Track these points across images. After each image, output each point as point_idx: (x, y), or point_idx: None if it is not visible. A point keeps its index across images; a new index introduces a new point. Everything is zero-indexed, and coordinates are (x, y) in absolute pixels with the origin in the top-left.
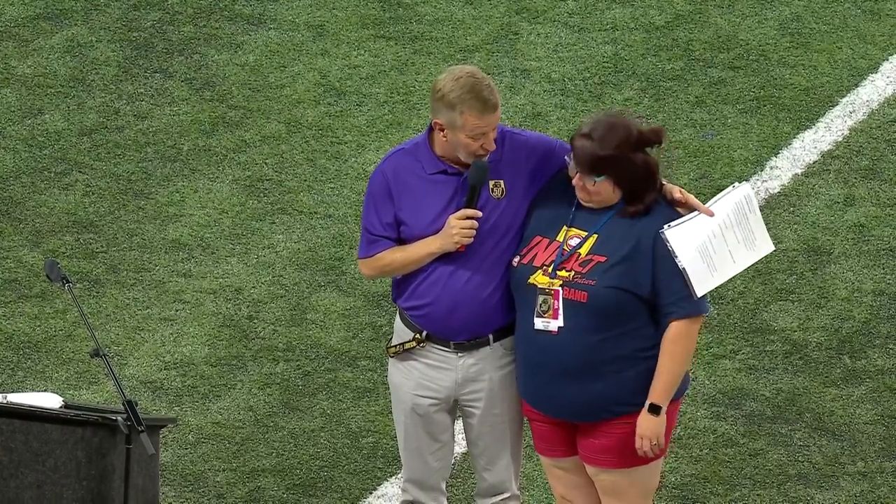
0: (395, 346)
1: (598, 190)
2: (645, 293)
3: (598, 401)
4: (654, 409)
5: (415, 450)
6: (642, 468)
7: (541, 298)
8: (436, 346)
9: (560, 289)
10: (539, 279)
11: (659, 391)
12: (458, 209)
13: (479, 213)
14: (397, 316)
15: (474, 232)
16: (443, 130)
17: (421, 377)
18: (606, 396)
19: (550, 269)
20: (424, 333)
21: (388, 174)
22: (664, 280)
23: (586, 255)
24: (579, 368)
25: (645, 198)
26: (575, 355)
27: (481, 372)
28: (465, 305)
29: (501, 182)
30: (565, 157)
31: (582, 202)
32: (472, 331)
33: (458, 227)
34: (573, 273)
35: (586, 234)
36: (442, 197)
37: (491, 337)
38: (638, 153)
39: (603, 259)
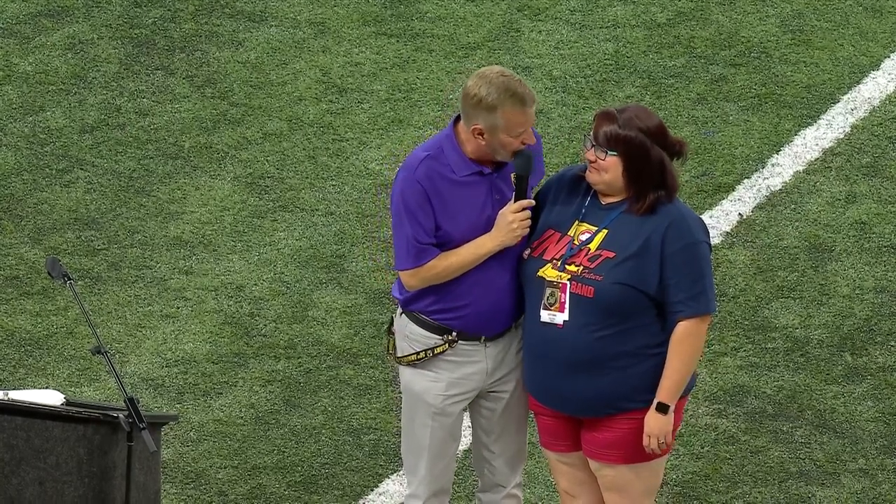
0: (420, 353)
1: (606, 166)
2: (652, 291)
3: (603, 396)
4: (662, 408)
5: (441, 455)
6: (645, 465)
7: (548, 291)
8: (465, 342)
9: (568, 283)
10: (548, 272)
11: (667, 390)
12: (493, 208)
13: (533, 203)
14: (407, 323)
15: (530, 222)
16: (482, 135)
17: (451, 377)
18: (611, 392)
19: (559, 263)
20: (454, 333)
21: (423, 182)
22: (672, 278)
23: (595, 250)
24: (584, 363)
25: (648, 196)
26: (580, 350)
27: (507, 355)
28: (504, 300)
29: (512, 176)
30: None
31: (591, 183)
32: (506, 323)
33: (518, 220)
34: (581, 268)
35: (596, 229)
36: (477, 199)
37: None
38: (656, 147)
39: (612, 255)
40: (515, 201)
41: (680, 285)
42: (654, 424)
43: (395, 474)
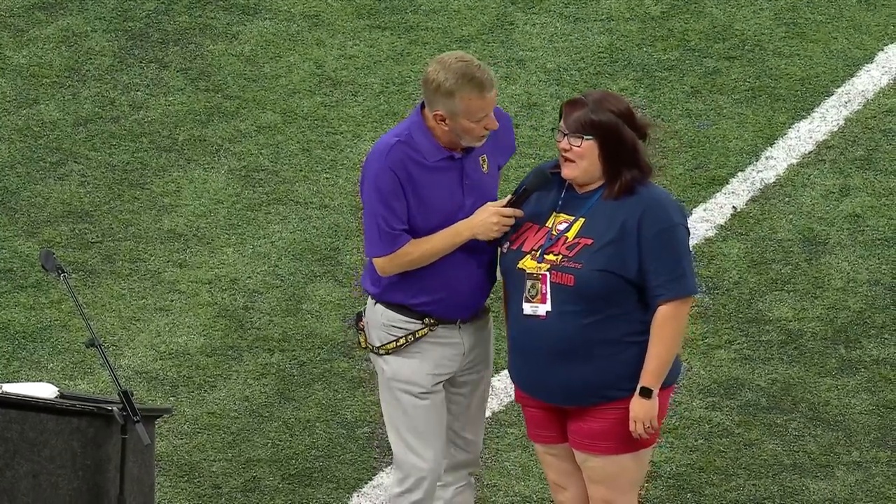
0: (401, 338)
1: (582, 153)
2: (632, 275)
3: (588, 385)
4: (646, 393)
5: (440, 430)
6: (631, 456)
7: (529, 283)
8: (442, 327)
9: (547, 273)
10: (527, 264)
11: (650, 374)
12: (465, 193)
13: (522, 214)
14: (384, 311)
15: (509, 228)
16: (444, 120)
17: (436, 356)
18: (595, 381)
19: (538, 254)
20: (433, 319)
21: (395, 168)
22: (651, 262)
23: (573, 238)
24: (569, 351)
25: (624, 174)
26: (564, 339)
27: (477, 336)
28: (479, 285)
29: (485, 156)
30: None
31: (566, 177)
32: (480, 305)
33: (502, 224)
34: (560, 257)
35: (573, 218)
36: (448, 184)
37: None
38: (626, 128)
39: (590, 242)
40: (509, 205)
41: (659, 269)
42: (639, 409)
43: (389, 467)
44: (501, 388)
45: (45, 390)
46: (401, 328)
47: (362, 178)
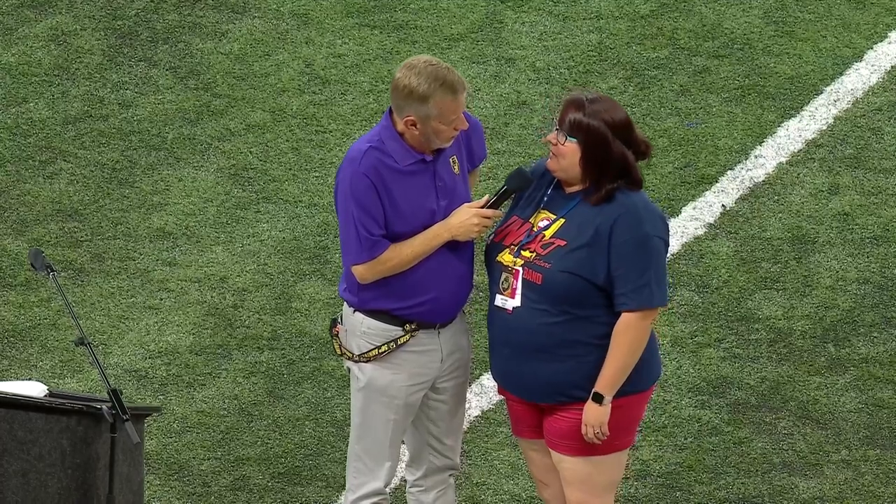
0: (381, 346)
1: (564, 152)
2: (601, 281)
3: (554, 383)
4: (597, 398)
5: (397, 444)
6: (603, 458)
7: (503, 276)
8: (422, 332)
9: (521, 269)
10: (505, 257)
11: (604, 381)
12: (438, 195)
13: (501, 215)
14: (364, 318)
15: (487, 229)
16: (415, 125)
17: (413, 367)
18: (561, 379)
19: (516, 249)
20: (415, 324)
21: (369, 174)
22: (618, 270)
23: (550, 237)
24: (535, 348)
25: (606, 185)
26: (531, 335)
27: (454, 341)
28: (460, 288)
29: (455, 157)
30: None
31: (550, 170)
32: (458, 309)
33: (482, 224)
34: (534, 254)
35: (555, 217)
36: (422, 187)
37: None
38: (617, 141)
39: (563, 243)
40: (489, 205)
41: (625, 278)
42: (590, 414)
43: None
44: (490, 385)
45: (34, 389)
46: (380, 336)
47: (336, 186)
